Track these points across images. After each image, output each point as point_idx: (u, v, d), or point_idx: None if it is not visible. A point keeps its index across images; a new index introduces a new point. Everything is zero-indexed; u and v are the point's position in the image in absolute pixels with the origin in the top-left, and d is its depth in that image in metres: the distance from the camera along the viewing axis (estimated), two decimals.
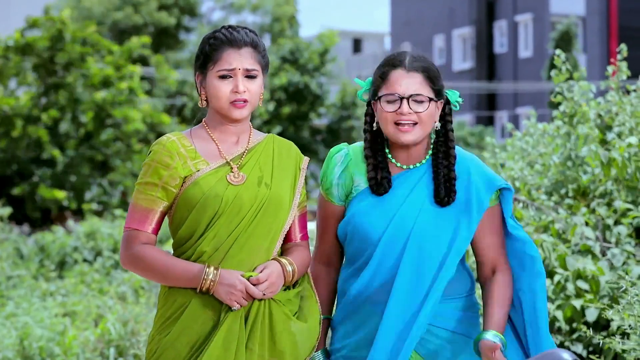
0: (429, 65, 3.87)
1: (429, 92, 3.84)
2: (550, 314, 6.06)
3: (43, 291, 11.61)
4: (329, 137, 32.00)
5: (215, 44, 3.77)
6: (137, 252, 3.70)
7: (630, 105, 7.07)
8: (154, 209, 3.73)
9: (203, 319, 3.69)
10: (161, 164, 3.72)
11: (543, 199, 7.03)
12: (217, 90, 3.76)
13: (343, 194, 3.97)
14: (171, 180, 3.72)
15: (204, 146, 3.80)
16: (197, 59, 3.84)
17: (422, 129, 3.84)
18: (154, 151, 3.75)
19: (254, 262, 3.73)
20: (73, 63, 24.02)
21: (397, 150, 3.93)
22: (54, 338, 7.91)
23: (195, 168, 3.74)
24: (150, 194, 3.72)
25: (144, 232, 3.72)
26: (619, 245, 6.45)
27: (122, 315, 8.06)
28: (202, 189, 3.70)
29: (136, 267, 3.73)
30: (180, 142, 3.77)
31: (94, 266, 13.31)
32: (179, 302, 3.71)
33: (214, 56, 3.77)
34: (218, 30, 3.82)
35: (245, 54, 3.78)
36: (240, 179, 3.75)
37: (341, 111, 31.77)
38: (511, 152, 8.43)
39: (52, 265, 13.88)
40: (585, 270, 6.10)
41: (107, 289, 11.47)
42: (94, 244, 15.00)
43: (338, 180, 3.96)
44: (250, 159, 3.82)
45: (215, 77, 3.77)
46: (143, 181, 3.74)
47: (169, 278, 3.68)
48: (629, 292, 4.73)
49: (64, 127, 24.51)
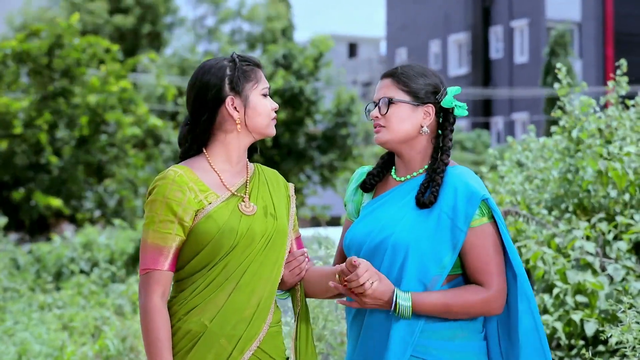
0: (405, 70, 3.87)
1: (401, 95, 3.83)
2: (549, 325, 6.06)
3: (40, 303, 11.61)
4: (325, 143, 31.93)
5: (251, 66, 3.83)
6: (150, 310, 3.67)
7: (629, 120, 7.08)
8: (171, 245, 3.69)
9: (217, 349, 3.70)
10: (174, 200, 3.67)
11: (544, 214, 7.03)
12: (264, 107, 3.81)
13: (354, 210, 4.00)
14: (185, 215, 3.68)
15: (208, 177, 3.78)
16: (232, 81, 3.80)
17: (388, 131, 3.82)
18: (162, 186, 3.70)
19: (264, 290, 3.75)
20: (70, 69, 24.00)
21: (396, 162, 3.92)
22: (52, 353, 7.88)
23: (207, 201, 3.71)
24: (167, 232, 3.68)
25: (161, 271, 3.68)
26: (618, 261, 6.45)
27: (120, 331, 8.04)
28: (217, 223, 3.68)
29: (142, 319, 3.72)
30: (188, 176, 3.73)
31: (91, 277, 13.29)
32: (192, 333, 3.70)
33: (253, 76, 3.82)
34: (240, 55, 3.86)
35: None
36: (252, 209, 3.76)
37: (337, 118, 31.73)
38: (509, 167, 8.42)
39: (49, 277, 13.86)
40: (585, 284, 6.10)
41: (105, 300, 11.47)
42: (90, 254, 15.00)
43: (352, 197, 4.02)
44: (253, 189, 3.84)
45: (259, 94, 3.82)
46: (157, 220, 3.69)
47: (150, 355, 3.68)
48: (627, 314, 4.71)
49: (60, 132, 24.48)
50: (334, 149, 31.79)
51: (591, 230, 6.67)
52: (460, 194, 3.72)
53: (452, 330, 3.74)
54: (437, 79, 3.89)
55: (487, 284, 3.71)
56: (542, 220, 6.81)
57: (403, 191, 3.85)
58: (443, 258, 3.70)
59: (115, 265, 14.84)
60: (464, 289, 3.71)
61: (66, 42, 24.03)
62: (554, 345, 6.32)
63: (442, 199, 3.74)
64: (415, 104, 3.83)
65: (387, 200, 3.86)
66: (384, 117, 3.82)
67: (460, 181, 3.76)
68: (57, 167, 24.23)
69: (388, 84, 3.86)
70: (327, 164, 31.93)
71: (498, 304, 3.73)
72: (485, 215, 3.74)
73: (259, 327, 3.75)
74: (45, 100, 24.23)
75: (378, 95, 3.87)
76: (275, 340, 3.82)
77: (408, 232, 3.72)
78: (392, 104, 3.82)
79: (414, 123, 3.83)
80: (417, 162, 3.87)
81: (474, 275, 3.73)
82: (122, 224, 18.39)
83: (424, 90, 3.84)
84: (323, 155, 31.88)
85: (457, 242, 3.70)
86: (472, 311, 3.71)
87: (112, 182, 24.69)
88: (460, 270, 3.79)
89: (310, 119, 31.71)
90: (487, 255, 3.72)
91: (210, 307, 3.70)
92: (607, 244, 6.68)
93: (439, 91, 3.87)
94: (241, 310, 3.71)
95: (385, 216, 3.81)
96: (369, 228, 3.82)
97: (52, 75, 24.23)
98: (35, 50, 23.87)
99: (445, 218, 3.71)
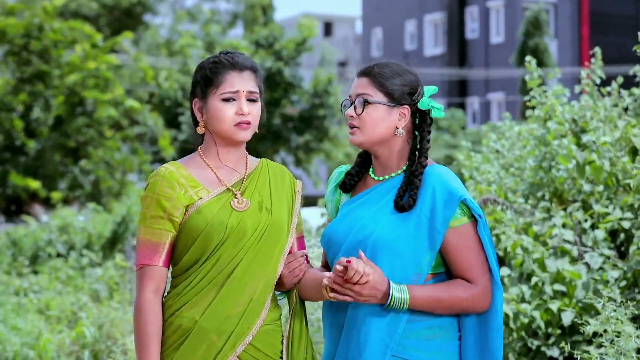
0: (381, 70, 3.82)
1: (377, 95, 3.80)
2: (527, 314, 6.09)
3: (16, 288, 11.57)
4: (301, 124, 31.91)
5: (217, 68, 3.79)
6: (141, 304, 3.72)
7: (604, 109, 7.10)
8: (163, 241, 3.73)
9: (207, 344, 3.71)
10: (163, 196, 3.72)
11: (520, 202, 7.06)
12: (221, 113, 3.77)
13: (334, 210, 4.00)
14: (175, 210, 3.72)
15: (202, 174, 3.81)
16: (196, 85, 3.84)
17: (362, 133, 3.81)
18: (153, 183, 3.75)
19: (257, 285, 3.76)
20: (48, 51, 23.84)
21: (373, 162, 3.91)
22: (29, 342, 7.86)
23: (197, 196, 3.75)
24: (158, 228, 3.72)
25: (155, 266, 3.72)
26: (595, 249, 6.48)
27: (97, 319, 8.02)
28: (206, 217, 3.71)
29: (134, 313, 3.75)
30: (178, 172, 3.77)
31: (68, 261, 13.25)
32: (183, 328, 3.72)
33: (216, 80, 3.78)
34: (216, 55, 3.84)
35: (247, 77, 3.80)
36: (244, 205, 3.78)
37: (314, 99, 31.69)
38: (485, 154, 8.45)
39: (25, 261, 13.80)
40: (563, 272, 6.13)
41: (82, 284, 11.44)
42: (67, 237, 14.94)
43: (331, 196, 4.02)
44: (250, 184, 3.84)
45: (218, 100, 3.77)
46: (148, 215, 3.74)
47: (138, 349, 3.71)
48: (607, 307, 4.74)
49: (36, 113, 24.35)
50: (311, 130, 31.78)
51: (567, 218, 6.69)
52: (438, 195, 3.73)
53: (432, 330, 3.76)
54: (413, 78, 3.85)
55: (474, 282, 3.74)
56: (519, 208, 6.83)
57: (382, 191, 3.85)
58: (422, 258, 3.72)
59: (92, 249, 14.79)
60: (454, 284, 3.74)
61: (46, 24, 23.87)
62: (530, 333, 6.35)
63: (421, 200, 3.75)
64: (391, 105, 3.81)
65: (366, 200, 3.86)
66: (359, 117, 3.80)
67: (439, 182, 3.76)
68: (33, 149, 24.11)
69: (364, 83, 3.83)
70: (303, 144, 31.91)
71: (485, 301, 3.75)
72: (465, 215, 3.75)
73: (251, 323, 3.75)
74: (22, 82, 24.08)
75: (354, 92, 3.84)
76: (271, 339, 3.82)
77: (388, 232, 3.72)
78: (367, 104, 3.80)
79: (389, 124, 3.82)
80: (394, 162, 3.86)
81: (459, 274, 3.75)
82: (97, 207, 18.31)
83: (400, 92, 3.81)
84: (299, 136, 31.85)
85: (435, 243, 3.71)
86: (461, 306, 3.74)
87: (88, 163, 24.57)
88: (442, 269, 3.80)
89: (287, 101, 31.68)
90: (471, 255, 3.74)
91: (201, 302, 3.73)
92: (583, 232, 6.71)
93: (415, 92, 3.84)
94: (232, 306, 3.72)
95: (365, 216, 3.81)
96: (349, 227, 3.82)
97: (29, 57, 24.08)
98: (12, 31, 23.68)
99: (424, 219, 3.72)
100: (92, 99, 23.92)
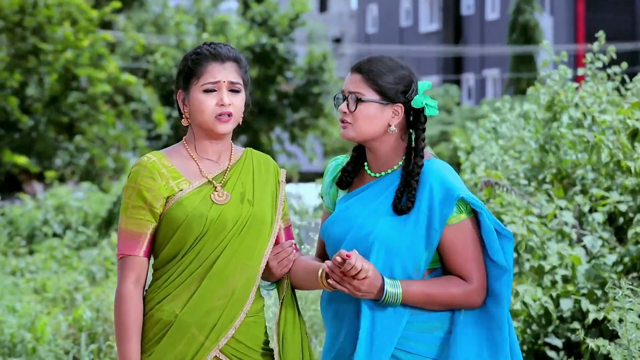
0: (375, 67, 3.78)
1: (370, 93, 3.77)
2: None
3: (13, 268, 11.56)
4: (296, 101, 31.85)
5: (199, 59, 3.76)
6: (121, 295, 3.70)
7: (606, 94, 7.07)
8: (144, 232, 3.71)
9: (187, 338, 3.68)
10: (144, 186, 3.70)
11: (523, 184, 7.03)
12: (201, 104, 3.74)
13: (331, 202, 3.99)
14: (155, 201, 3.70)
15: (185, 165, 3.79)
16: (179, 76, 3.83)
17: (354, 129, 3.79)
18: (135, 173, 3.73)
19: (240, 278, 3.73)
20: (43, 27, 23.73)
21: (368, 157, 3.89)
22: (25, 324, 7.83)
23: (177, 188, 3.72)
24: (139, 218, 3.70)
25: (136, 257, 3.71)
26: (594, 233, 6.47)
27: (94, 302, 8.00)
28: (186, 209, 3.69)
29: (114, 304, 3.75)
30: (160, 163, 3.75)
31: (64, 241, 13.23)
32: (163, 322, 3.70)
33: (197, 71, 3.75)
34: (199, 47, 3.81)
35: (229, 68, 3.77)
36: (225, 198, 3.75)
37: (309, 75, 31.62)
38: (483, 134, 8.42)
39: (22, 241, 13.78)
40: (564, 257, 6.12)
41: (78, 264, 11.43)
42: (63, 217, 14.92)
43: (328, 189, 4.00)
44: (232, 176, 3.81)
45: (199, 91, 3.75)
46: (129, 206, 3.71)
47: (118, 339, 3.70)
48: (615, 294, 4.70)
49: (30, 90, 24.27)
50: (306, 107, 31.73)
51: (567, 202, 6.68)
52: (436, 193, 3.71)
53: (431, 323, 3.76)
54: (407, 74, 3.81)
55: (468, 279, 3.73)
56: (521, 191, 6.80)
57: (379, 188, 3.84)
58: (420, 256, 3.71)
59: (88, 228, 14.77)
60: (447, 281, 3.73)
61: (40, 0, 23.75)
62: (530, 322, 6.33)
63: (419, 199, 3.73)
64: (384, 103, 3.79)
65: (363, 196, 3.85)
66: (352, 114, 3.78)
67: (436, 179, 3.74)
68: (28, 126, 24.04)
69: (357, 80, 3.79)
70: (298, 121, 31.88)
71: (479, 298, 3.74)
72: (463, 212, 3.73)
73: (234, 316, 3.73)
74: (17, 58, 23.98)
75: (347, 89, 3.81)
76: (254, 330, 3.80)
77: (387, 232, 3.72)
78: (360, 102, 3.77)
79: (382, 122, 3.79)
80: (389, 158, 3.84)
81: (454, 271, 3.74)
82: (92, 186, 18.28)
83: (393, 90, 3.78)
84: (295, 113, 31.80)
85: (433, 241, 3.70)
86: (454, 302, 3.73)
87: (83, 140, 24.49)
88: (438, 265, 3.80)
89: (282, 78, 31.62)
90: (466, 252, 3.73)
91: (182, 296, 3.71)
92: (582, 215, 6.70)
93: (409, 89, 3.80)
94: (213, 299, 3.70)
95: (364, 213, 3.80)
96: (348, 224, 3.82)
97: (24, 34, 23.96)
98: (7, 7, 23.57)
99: (422, 218, 3.72)
100: (86, 75, 23.83)
